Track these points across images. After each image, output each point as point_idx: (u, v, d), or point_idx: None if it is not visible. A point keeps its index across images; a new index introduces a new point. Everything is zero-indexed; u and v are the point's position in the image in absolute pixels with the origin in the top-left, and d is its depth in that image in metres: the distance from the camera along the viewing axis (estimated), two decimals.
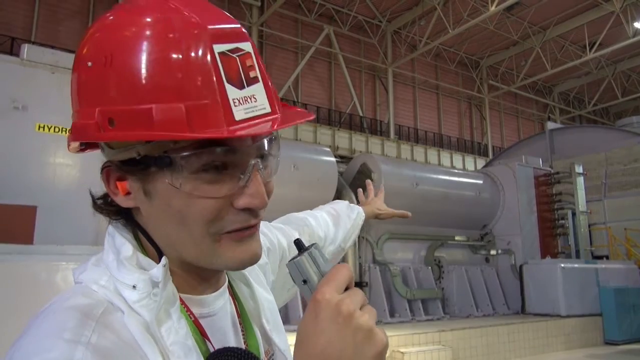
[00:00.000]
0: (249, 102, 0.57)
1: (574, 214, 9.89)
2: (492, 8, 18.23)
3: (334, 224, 1.24)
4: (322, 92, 22.10)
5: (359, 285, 7.23)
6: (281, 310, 0.91)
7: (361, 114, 22.33)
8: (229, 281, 0.74)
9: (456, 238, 9.06)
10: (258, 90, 0.59)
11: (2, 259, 2.85)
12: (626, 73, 26.87)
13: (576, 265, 8.77)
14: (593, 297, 8.53)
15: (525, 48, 24.12)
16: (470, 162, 24.12)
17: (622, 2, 19.83)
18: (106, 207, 0.65)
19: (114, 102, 0.55)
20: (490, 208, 9.55)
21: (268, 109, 0.59)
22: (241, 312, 0.73)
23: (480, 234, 9.62)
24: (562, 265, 8.43)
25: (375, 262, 7.85)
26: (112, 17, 0.59)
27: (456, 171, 11.33)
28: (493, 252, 9.37)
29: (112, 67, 0.55)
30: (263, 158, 0.62)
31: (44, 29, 15.94)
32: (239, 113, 0.56)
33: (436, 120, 25.73)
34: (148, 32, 0.55)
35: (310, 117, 0.65)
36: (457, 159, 23.84)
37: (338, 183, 7.53)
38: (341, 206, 1.33)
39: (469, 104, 27.41)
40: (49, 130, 4.04)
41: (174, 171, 0.57)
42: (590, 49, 21.54)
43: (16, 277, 2.88)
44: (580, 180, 9.96)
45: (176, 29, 0.56)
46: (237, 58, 0.57)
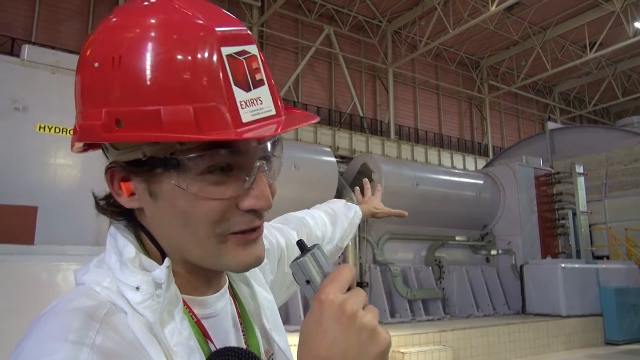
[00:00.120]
0: (255, 105, 0.58)
1: (575, 214, 9.88)
2: (493, 8, 18.22)
3: (332, 224, 1.24)
4: (323, 93, 22.10)
5: (360, 285, 7.22)
6: (281, 310, 0.92)
7: (361, 114, 22.32)
8: (230, 281, 0.74)
9: (457, 238, 9.05)
10: (264, 92, 0.59)
11: (3, 259, 2.86)
12: (626, 73, 26.86)
13: (577, 265, 8.76)
14: (594, 297, 8.52)
15: (525, 48, 24.11)
16: (470, 162, 24.11)
17: (623, 2, 19.82)
18: (109, 208, 0.65)
19: (121, 103, 0.55)
20: (490, 208, 9.54)
21: (273, 111, 0.60)
22: (242, 312, 0.73)
23: (480, 234, 9.61)
24: (563, 265, 8.43)
25: (375, 263, 7.85)
26: (121, 19, 0.59)
27: (456, 171, 11.33)
28: (493, 252, 9.36)
29: (121, 69, 0.55)
30: (267, 159, 0.63)
31: (45, 30, 15.95)
32: (246, 115, 0.56)
33: (436, 120, 25.72)
34: (158, 34, 0.56)
35: (314, 120, 0.66)
36: (458, 159, 23.83)
37: (338, 183, 7.52)
38: (338, 205, 1.33)
39: (470, 104, 27.40)
40: (50, 130, 4.04)
41: (181, 172, 0.57)
42: (590, 49, 21.53)
43: (17, 278, 2.88)
44: (580, 180, 9.95)
45: (185, 32, 0.56)
46: (244, 60, 0.58)
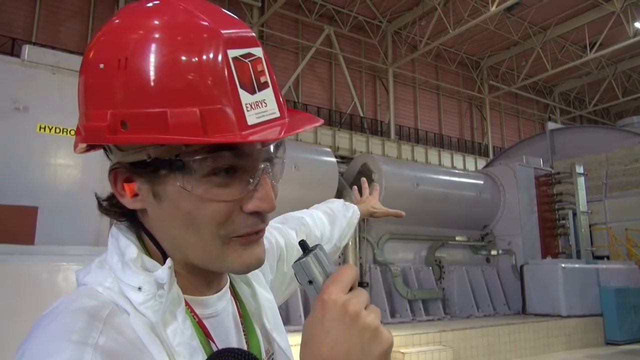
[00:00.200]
0: (260, 107, 0.58)
1: (575, 214, 9.87)
2: (493, 8, 18.22)
3: (330, 223, 1.24)
4: (323, 93, 22.10)
5: (360, 285, 7.19)
6: (282, 310, 0.92)
7: (362, 114, 22.32)
8: (231, 281, 0.75)
9: (457, 238, 9.05)
10: (268, 95, 0.59)
11: (4, 260, 2.86)
12: (627, 73, 26.85)
13: (577, 265, 8.76)
14: (594, 298, 8.52)
15: (525, 48, 24.10)
16: (470, 163, 24.11)
17: (623, 2, 19.81)
18: (112, 209, 0.65)
19: (127, 105, 0.55)
20: (490, 208, 9.54)
21: (277, 114, 0.60)
22: (243, 312, 0.73)
23: (480, 234, 9.61)
24: (563, 265, 8.43)
25: (375, 263, 7.85)
26: (127, 20, 0.59)
27: (457, 171, 11.32)
28: (494, 253, 9.36)
29: (127, 71, 0.55)
30: (270, 161, 0.63)
31: (45, 30, 15.95)
32: (251, 118, 0.57)
33: (437, 120, 25.71)
34: (164, 36, 0.56)
35: (318, 123, 0.66)
36: (458, 159, 23.83)
37: (338, 183, 7.52)
38: (337, 205, 1.34)
39: (470, 104, 27.39)
40: (50, 131, 4.04)
41: (186, 174, 0.57)
42: (590, 49, 21.52)
43: (17, 278, 2.89)
44: (581, 180, 9.95)
45: (192, 34, 0.56)
46: (249, 63, 0.58)
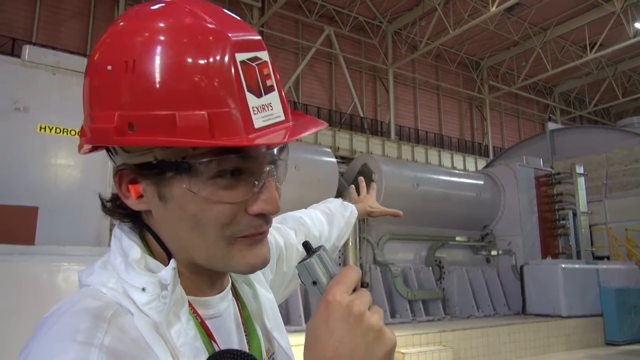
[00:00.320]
0: (266, 110, 0.59)
1: (575, 215, 9.86)
2: (493, 9, 18.23)
3: (329, 223, 1.25)
4: (323, 93, 22.11)
5: (360, 285, 7.21)
6: (282, 310, 0.92)
7: (362, 115, 22.33)
8: (232, 282, 0.75)
9: (457, 239, 9.05)
10: (274, 98, 0.60)
11: (4, 260, 2.86)
12: (627, 73, 26.85)
13: (577, 265, 8.75)
14: (594, 298, 8.51)
15: (525, 49, 24.11)
16: (471, 163, 24.11)
17: (623, 3, 19.82)
18: (116, 210, 0.65)
19: (135, 107, 0.55)
20: (491, 208, 9.53)
21: (282, 117, 0.61)
22: (244, 313, 0.73)
23: (481, 235, 9.60)
24: (563, 265, 8.42)
25: (376, 263, 7.84)
26: (135, 22, 0.59)
27: (457, 172, 11.31)
28: (494, 253, 9.35)
29: (135, 73, 0.55)
30: (275, 164, 0.63)
31: (45, 30, 15.96)
32: (258, 121, 0.57)
33: (437, 120, 25.72)
34: (173, 39, 0.56)
35: (323, 126, 0.66)
36: (458, 160, 23.83)
37: (339, 184, 7.52)
38: (335, 205, 1.34)
39: (470, 105, 27.40)
40: (50, 131, 4.04)
41: (192, 176, 0.57)
42: (590, 50, 21.52)
43: (17, 278, 2.88)
44: (581, 180, 9.94)
45: (200, 37, 0.56)
46: (256, 67, 0.58)
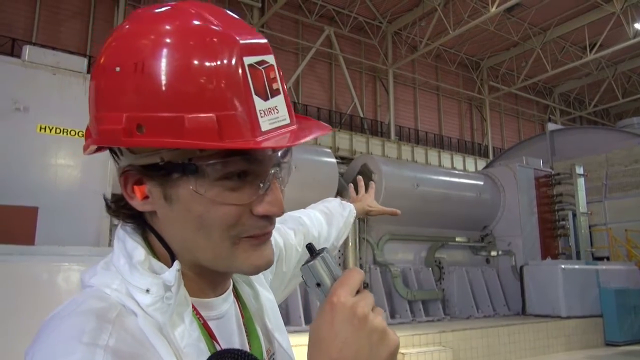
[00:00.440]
0: (273, 114, 0.59)
1: (575, 215, 9.86)
2: (493, 9, 18.24)
3: (327, 223, 1.25)
4: (323, 93, 22.12)
5: None
6: (282, 310, 0.93)
7: (362, 115, 22.33)
8: (233, 283, 0.75)
9: (457, 239, 9.05)
10: (279, 101, 0.60)
11: (4, 260, 2.86)
12: (627, 74, 26.87)
13: (577, 266, 8.75)
14: (594, 299, 8.52)
15: (525, 49, 24.12)
16: (470, 163, 24.11)
17: (623, 3, 19.84)
18: (120, 211, 0.65)
19: (143, 109, 0.55)
20: (490, 209, 9.53)
21: (288, 120, 0.61)
22: (245, 314, 0.74)
23: (480, 235, 9.60)
24: (563, 266, 8.42)
25: (375, 263, 7.84)
26: (142, 25, 0.59)
27: (457, 172, 11.30)
28: (493, 253, 9.35)
29: (144, 74, 0.55)
30: (279, 166, 0.64)
31: (45, 30, 15.96)
32: (264, 124, 0.58)
33: (437, 121, 25.73)
34: (183, 41, 0.56)
35: (327, 131, 0.67)
36: (458, 160, 23.84)
37: (338, 184, 7.52)
38: (334, 204, 1.34)
39: (470, 105, 27.41)
40: (50, 131, 4.05)
41: (199, 178, 0.58)
42: (590, 50, 21.53)
43: (17, 278, 2.88)
44: (580, 181, 9.94)
45: (210, 40, 0.57)
46: (263, 70, 0.59)
